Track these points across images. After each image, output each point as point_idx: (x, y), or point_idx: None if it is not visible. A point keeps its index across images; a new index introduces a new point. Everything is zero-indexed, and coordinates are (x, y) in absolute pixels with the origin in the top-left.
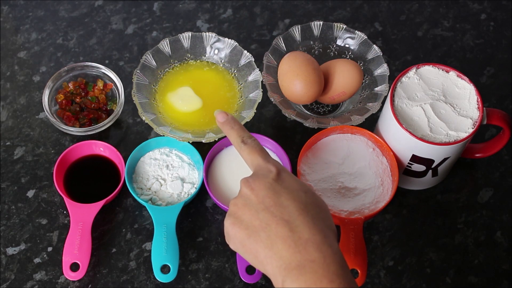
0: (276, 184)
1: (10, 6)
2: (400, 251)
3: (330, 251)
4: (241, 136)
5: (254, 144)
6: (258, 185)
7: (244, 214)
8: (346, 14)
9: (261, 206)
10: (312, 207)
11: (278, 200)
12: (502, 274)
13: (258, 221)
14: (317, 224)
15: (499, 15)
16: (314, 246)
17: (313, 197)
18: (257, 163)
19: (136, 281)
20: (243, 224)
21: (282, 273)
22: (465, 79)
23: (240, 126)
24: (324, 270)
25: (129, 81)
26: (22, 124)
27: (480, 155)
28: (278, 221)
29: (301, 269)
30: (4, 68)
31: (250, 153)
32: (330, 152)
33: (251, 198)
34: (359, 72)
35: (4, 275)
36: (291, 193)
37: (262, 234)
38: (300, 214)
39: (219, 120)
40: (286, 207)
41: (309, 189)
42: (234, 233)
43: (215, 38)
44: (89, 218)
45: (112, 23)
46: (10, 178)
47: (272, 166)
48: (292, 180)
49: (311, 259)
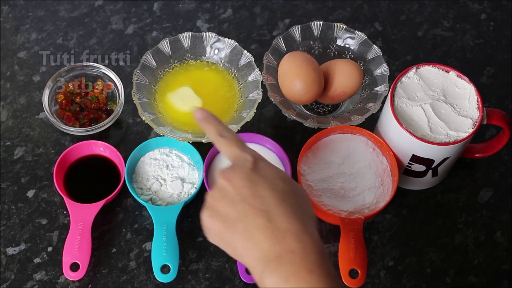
0: (253, 174)
1: (10, 6)
2: (400, 251)
3: (309, 240)
4: (218, 130)
5: (231, 136)
6: (235, 176)
7: (221, 206)
8: (346, 14)
9: (238, 197)
10: (290, 196)
11: (255, 190)
12: (502, 274)
13: (236, 213)
14: (296, 213)
15: (499, 15)
16: (293, 236)
17: (292, 185)
18: (234, 154)
19: (136, 281)
20: (220, 216)
21: (261, 265)
22: (465, 79)
23: (218, 121)
24: (303, 260)
25: (129, 81)
26: (22, 124)
27: (480, 155)
28: (256, 212)
29: (280, 260)
30: (4, 68)
31: (227, 145)
32: (330, 152)
33: (228, 190)
34: (359, 72)
35: (4, 275)
36: (269, 182)
37: (240, 225)
38: (278, 204)
39: (197, 117)
40: (263, 197)
41: (287, 177)
42: (212, 226)
43: (215, 38)
44: (89, 218)
45: (112, 23)
46: (10, 178)
47: (249, 155)
48: (269, 169)
49: (290, 249)
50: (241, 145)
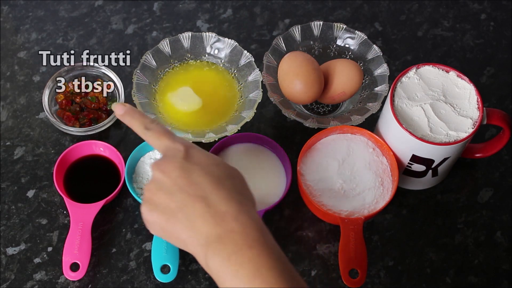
0: (186, 163)
1: (10, 6)
2: (400, 251)
3: (248, 219)
4: (143, 123)
5: (158, 128)
6: (169, 167)
7: (159, 199)
8: (346, 14)
9: (175, 188)
10: (226, 179)
11: (190, 178)
12: (502, 274)
13: (174, 203)
14: (233, 195)
15: (499, 15)
16: (232, 217)
17: (226, 169)
18: (164, 145)
19: (136, 281)
20: (160, 209)
21: (204, 248)
22: (465, 79)
23: (141, 114)
24: (242, 238)
25: (129, 81)
26: (22, 124)
27: (480, 155)
28: (194, 199)
29: (221, 240)
30: (4, 68)
31: (156, 138)
32: (330, 152)
33: (164, 181)
34: (359, 72)
35: (4, 275)
36: (203, 169)
37: (180, 215)
38: (214, 188)
39: (118, 113)
40: (199, 183)
41: (221, 162)
42: (153, 219)
43: (215, 38)
44: (89, 218)
45: (112, 23)
46: (10, 178)
47: (180, 144)
48: (202, 156)
49: (230, 229)
50: (170, 135)
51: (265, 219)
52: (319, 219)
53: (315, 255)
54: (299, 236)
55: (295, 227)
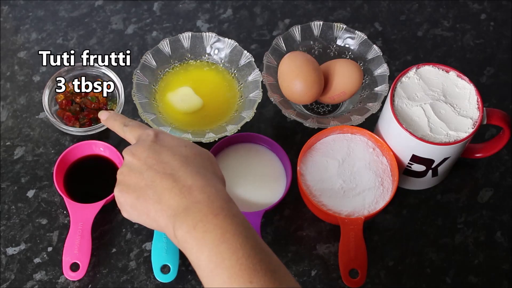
0: (155, 145)
1: (10, 6)
2: (400, 251)
3: (213, 190)
4: (122, 122)
5: (134, 123)
6: (139, 150)
7: (130, 179)
8: (346, 14)
9: (144, 167)
10: (193, 158)
11: (159, 158)
12: (502, 274)
13: (144, 181)
14: (200, 172)
15: (499, 15)
16: (198, 190)
17: (194, 149)
18: (137, 134)
19: (136, 281)
20: (130, 188)
21: (171, 220)
22: (465, 79)
23: (122, 116)
24: (208, 207)
25: (129, 81)
26: (22, 124)
27: (480, 155)
28: (162, 176)
29: (187, 210)
30: (4, 68)
31: (131, 131)
32: (330, 152)
33: (134, 163)
34: (359, 72)
35: (4, 275)
36: (171, 149)
37: (149, 191)
38: (182, 166)
39: (102, 118)
40: (168, 162)
41: (189, 143)
42: (124, 199)
43: (215, 38)
44: (89, 218)
45: (112, 23)
46: (10, 178)
47: (150, 130)
48: (170, 139)
49: (196, 200)
50: (144, 127)
51: (265, 219)
52: (319, 219)
53: (315, 255)
54: (299, 236)
55: (295, 227)
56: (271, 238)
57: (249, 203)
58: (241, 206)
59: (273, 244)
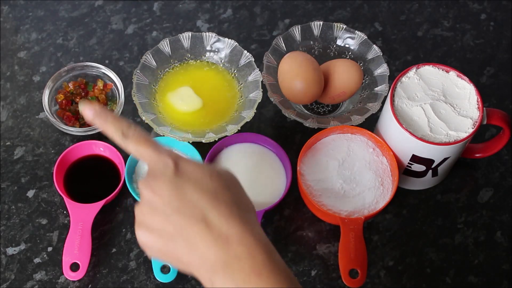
0: (177, 179)
1: (10, 6)
2: (400, 251)
3: (253, 241)
4: (119, 128)
5: (137, 134)
6: (159, 185)
7: (154, 222)
8: (346, 14)
9: (169, 209)
10: (222, 192)
11: (184, 197)
12: (502, 274)
13: (171, 226)
14: (233, 211)
15: (499, 15)
16: (236, 240)
17: (220, 179)
18: (149, 157)
19: (136, 281)
20: (156, 233)
21: (209, 274)
22: (465, 79)
23: (114, 117)
24: (250, 265)
25: (129, 81)
26: (22, 124)
27: (480, 155)
28: (191, 221)
29: (228, 267)
30: (4, 68)
31: (137, 146)
32: (330, 152)
33: (156, 202)
34: (359, 72)
35: (4, 275)
36: (197, 184)
37: (179, 239)
38: (212, 207)
39: (87, 115)
40: (195, 202)
41: (213, 172)
42: (150, 243)
43: (215, 38)
44: (89, 218)
45: (112, 23)
46: (10, 178)
47: (167, 157)
48: (193, 168)
49: (236, 255)
50: (153, 144)
51: (265, 219)
52: (319, 219)
53: (315, 255)
54: (299, 236)
55: (295, 227)
56: (271, 238)
57: None
58: None
59: (273, 244)
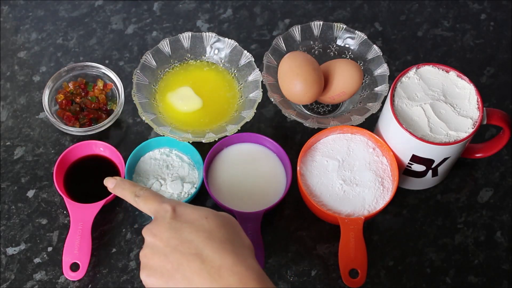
0: (175, 222)
1: (10, 6)
2: (400, 251)
3: (243, 270)
4: (133, 191)
5: (146, 193)
6: (159, 229)
7: (155, 263)
8: (346, 14)
9: (168, 249)
10: (217, 231)
11: (182, 237)
12: (502, 274)
13: (170, 264)
14: (226, 247)
15: (499, 15)
16: (227, 271)
17: (216, 220)
18: (154, 208)
19: (136, 281)
20: (157, 273)
21: None
22: (465, 79)
23: (130, 183)
24: None
25: (129, 81)
26: (22, 124)
27: (480, 155)
28: (188, 258)
29: None
30: (4, 68)
31: (145, 203)
32: (330, 152)
33: (157, 244)
34: (359, 72)
35: (4, 275)
36: (192, 225)
37: (177, 276)
38: (206, 244)
39: (109, 187)
40: (191, 241)
41: (209, 214)
42: (153, 283)
43: (215, 38)
44: (89, 218)
45: (112, 23)
46: (10, 178)
47: (167, 205)
48: (189, 212)
49: (228, 284)
50: (158, 197)
51: (265, 219)
52: (319, 219)
53: (315, 255)
54: (299, 236)
55: (295, 227)
56: (271, 238)
57: (249, 203)
58: (241, 206)
59: (273, 244)
